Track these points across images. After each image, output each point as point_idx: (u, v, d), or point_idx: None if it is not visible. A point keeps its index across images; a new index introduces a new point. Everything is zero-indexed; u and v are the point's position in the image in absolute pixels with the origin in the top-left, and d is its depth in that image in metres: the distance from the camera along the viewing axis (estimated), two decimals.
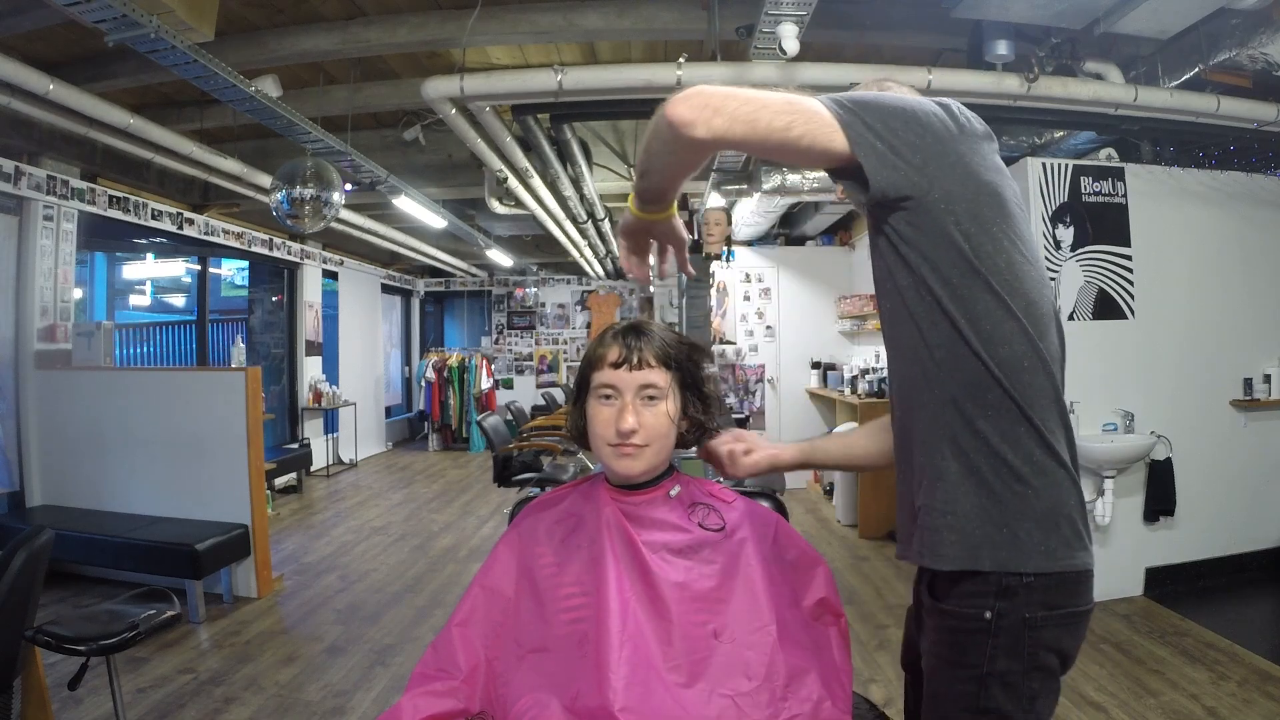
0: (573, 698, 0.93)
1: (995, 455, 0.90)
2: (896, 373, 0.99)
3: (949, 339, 0.91)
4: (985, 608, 0.88)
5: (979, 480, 0.90)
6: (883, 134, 0.89)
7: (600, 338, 1.08)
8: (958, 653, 0.90)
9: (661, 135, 0.88)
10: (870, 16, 3.07)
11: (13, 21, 2.84)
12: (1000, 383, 0.92)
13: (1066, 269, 3.49)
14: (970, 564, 0.88)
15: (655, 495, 1.07)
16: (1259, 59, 2.70)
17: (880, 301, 0.99)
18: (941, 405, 0.92)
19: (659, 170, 0.93)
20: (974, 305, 0.91)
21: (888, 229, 0.94)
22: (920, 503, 0.93)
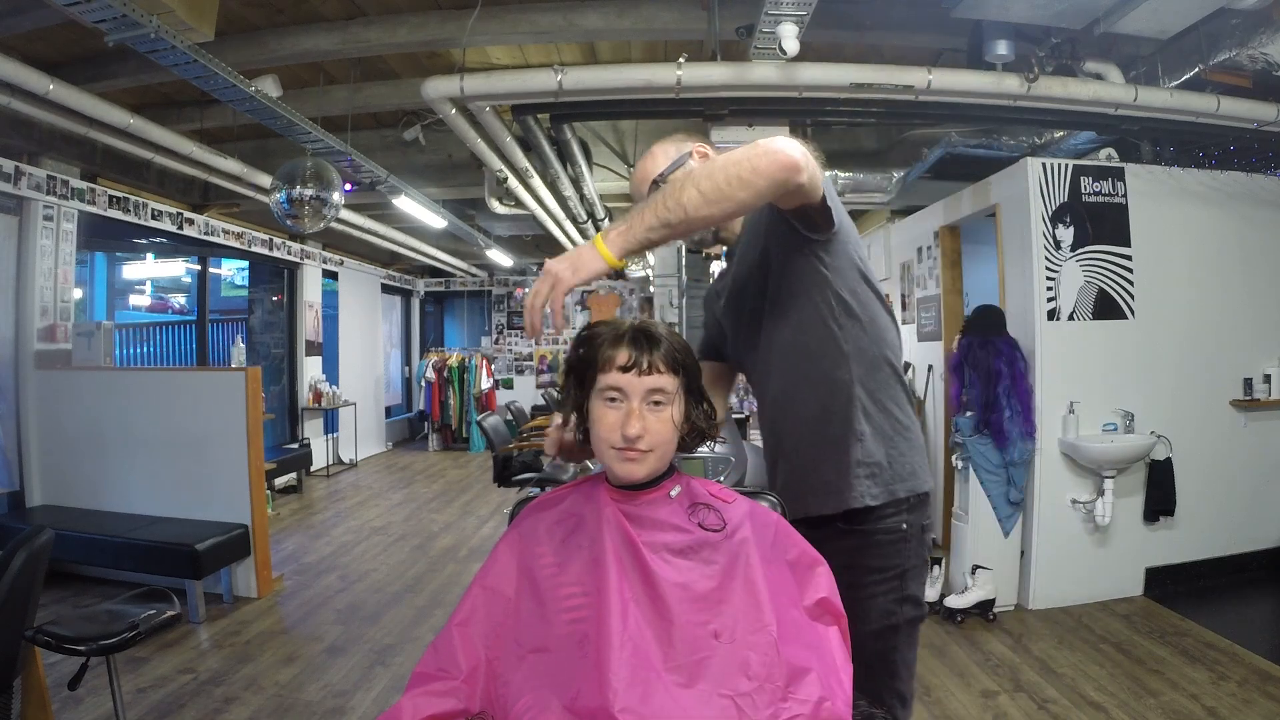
0: (572, 698, 0.93)
1: (889, 415, 1.25)
2: (800, 368, 1.26)
3: (855, 335, 1.23)
4: (902, 522, 1.23)
5: (884, 436, 1.24)
6: (826, 182, 1.17)
7: (607, 339, 1.06)
8: (883, 559, 1.22)
9: (764, 181, 1.04)
10: (870, 16, 3.07)
11: (13, 21, 2.84)
12: (888, 361, 1.26)
13: (1066, 269, 3.49)
14: (891, 496, 1.22)
15: (656, 495, 1.07)
16: (1259, 59, 2.71)
17: (786, 314, 1.25)
18: (852, 386, 1.23)
19: (714, 218, 1.05)
20: (869, 307, 1.25)
21: (813, 256, 1.22)
22: (852, 458, 1.22)
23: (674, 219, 1.02)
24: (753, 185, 1.03)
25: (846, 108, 3.42)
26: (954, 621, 3.25)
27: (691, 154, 1.38)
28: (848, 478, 1.22)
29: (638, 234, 1.03)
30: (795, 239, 1.22)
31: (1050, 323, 3.48)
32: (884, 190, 4.34)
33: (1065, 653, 2.92)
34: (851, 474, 1.21)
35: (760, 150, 1.05)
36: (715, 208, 1.03)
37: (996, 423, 3.33)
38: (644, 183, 1.40)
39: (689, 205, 1.02)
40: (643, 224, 1.03)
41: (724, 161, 1.05)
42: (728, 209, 1.04)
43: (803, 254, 1.23)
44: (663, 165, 1.38)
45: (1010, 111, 3.31)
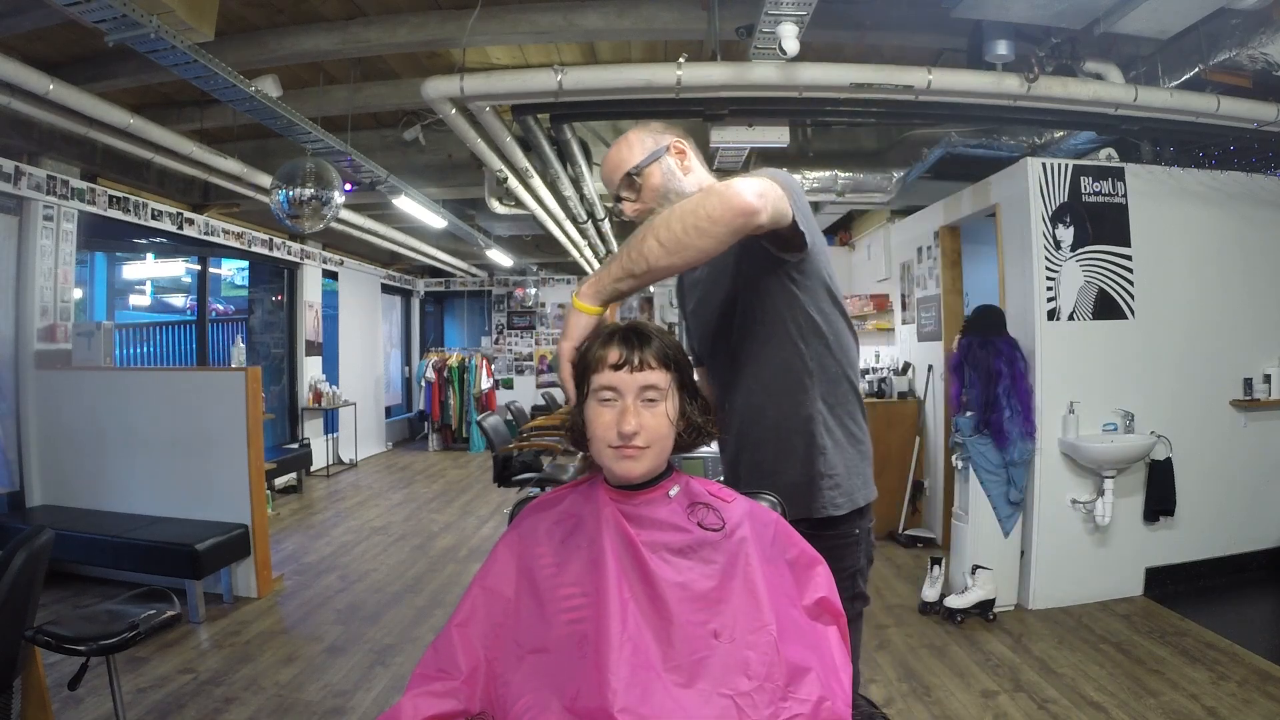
0: (572, 698, 0.93)
1: (847, 430, 1.31)
2: (762, 380, 1.31)
3: (820, 352, 1.28)
4: (855, 527, 1.31)
5: (842, 448, 1.30)
6: (800, 205, 1.20)
7: (599, 339, 1.07)
8: (840, 561, 1.25)
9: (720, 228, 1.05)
10: (870, 16, 3.07)
11: (13, 21, 2.84)
12: (847, 378, 1.32)
13: (1066, 269, 3.49)
14: (853, 505, 1.30)
15: (655, 495, 1.07)
16: (1259, 59, 2.70)
17: (754, 329, 1.29)
18: (816, 401, 1.28)
19: (677, 266, 1.09)
20: (835, 325, 1.30)
21: (785, 275, 1.26)
22: (816, 470, 1.28)
23: (638, 270, 1.06)
24: (710, 233, 1.05)
25: (846, 108, 3.41)
26: (954, 621, 3.25)
27: (669, 149, 1.36)
28: (813, 488, 1.28)
29: (606, 285, 1.08)
30: (768, 258, 1.24)
31: (1050, 323, 3.48)
32: (884, 190, 4.34)
33: (1065, 653, 2.92)
34: (816, 485, 1.28)
35: (715, 197, 1.06)
36: (677, 257, 1.06)
37: (996, 423, 3.33)
38: (616, 171, 1.37)
39: (650, 257, 1.06)
40: (610, 276, 1.08)
41: (681, 211, 1.06)
42: (689, 257, 1.07)
43: (774, 274, 1.26)
44: (638, 157, 1.35)
45: (1010, 111, 3.31)
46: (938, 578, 3.38)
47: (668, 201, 1.32)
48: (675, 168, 1.36)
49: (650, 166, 1.34)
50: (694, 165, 1.38)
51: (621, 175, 1.35)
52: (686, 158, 1.38)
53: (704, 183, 1.36)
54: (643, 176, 1.35)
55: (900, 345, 5.25)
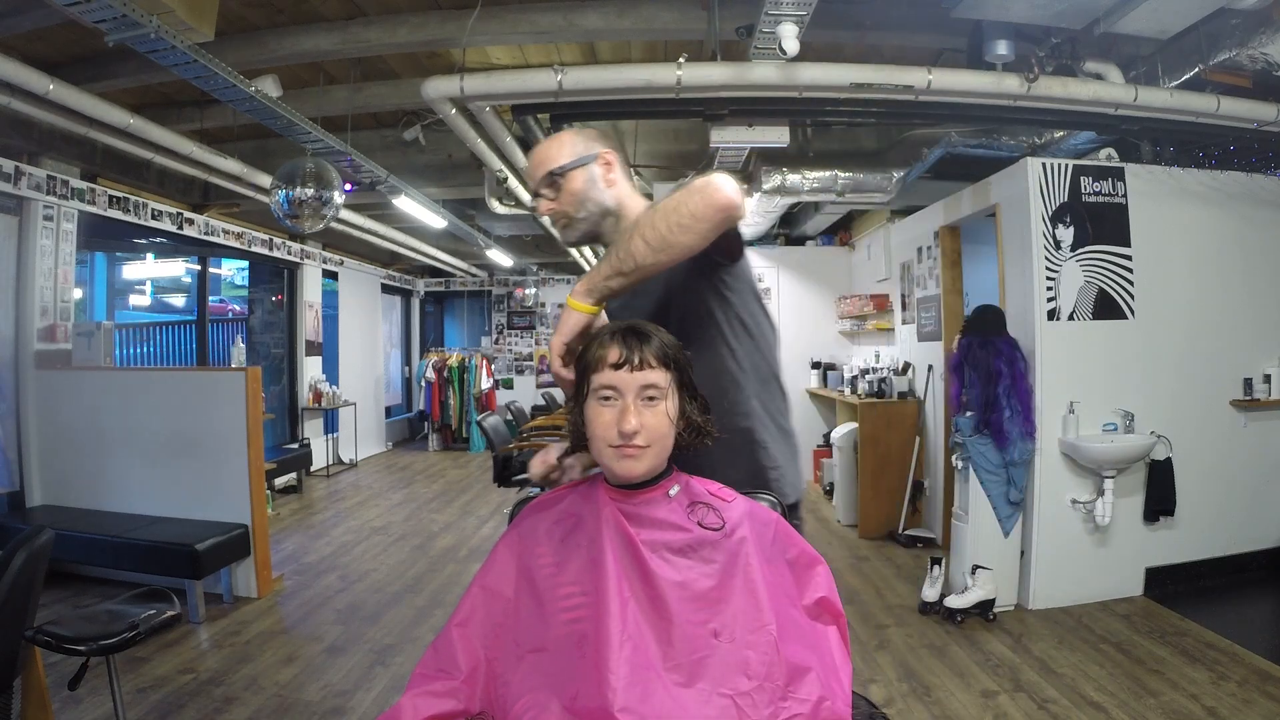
0: (572, 698, 0.93)
1: (779, 425, 1.36)
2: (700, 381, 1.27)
3: (751, 352, 1.33)
4: (797, 518, 1.35)
5: (780, 442, 1.35)
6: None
7: (598, 338, 1.07)
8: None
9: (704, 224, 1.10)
10: (870, 16, 3.07)
11: (13, 21, 2.84)
12: (776, 376, 1.37)
13: (1066, 269, 3.49)
14: (798, 495, 1.37)
15: (654, 495, 1.07)
16: (1259, 59, 2.70)
17: (689, 331, 1.28)
18: (751, 400, 1.32)
19: (664, 263, 1.12)
20: (762, 326, 1.35)
21: (717, 279, 1.29)
22: (761, 464, 1.32)
23: (627, 268, 1.11)
24: (695, 230, 1.10)
25: (846, 108, 3.41)
26: (954, 621, 3.25)
27: (598, 158, 1.35)
28: (763, 481, 1.31)
29: (598, 284, 1.12)
30: (703, 262, 1.25)
31: (1050, 323, 3.48)
32: (884, 190, 4.34)
33: (1065, 653, 2.92)
34: (765, 477, 1.31)
35: (698, 195, 1.10)
36: (664, 255, 1.11)
37: (996, 423, 3.33)
38: (540, 167, 1.35)
39: (638, 255, 1.10)
40: (600, 275, 1.13)
41: (665, 209, 1.11)
42: (675, 254, 1.12)
43: (708, 277, 1.29)
44: (565, 159, 1.34)
45: (1010, 111, 3.31)
46: (938, 578, 3.38)
47: (584, 209, 1.34)
48: (599, 177, 1.35)
49: (575, 170, 1.34)
50: (619, 179, 1.38)
51: (544, 172, 1.34)
52: (613, 170, 1.37)
53: (624, 198, 1.37)
54: (565, 178, 1.34)
55: (900, 345, 5.25)
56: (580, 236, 1.39)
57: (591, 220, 1.36)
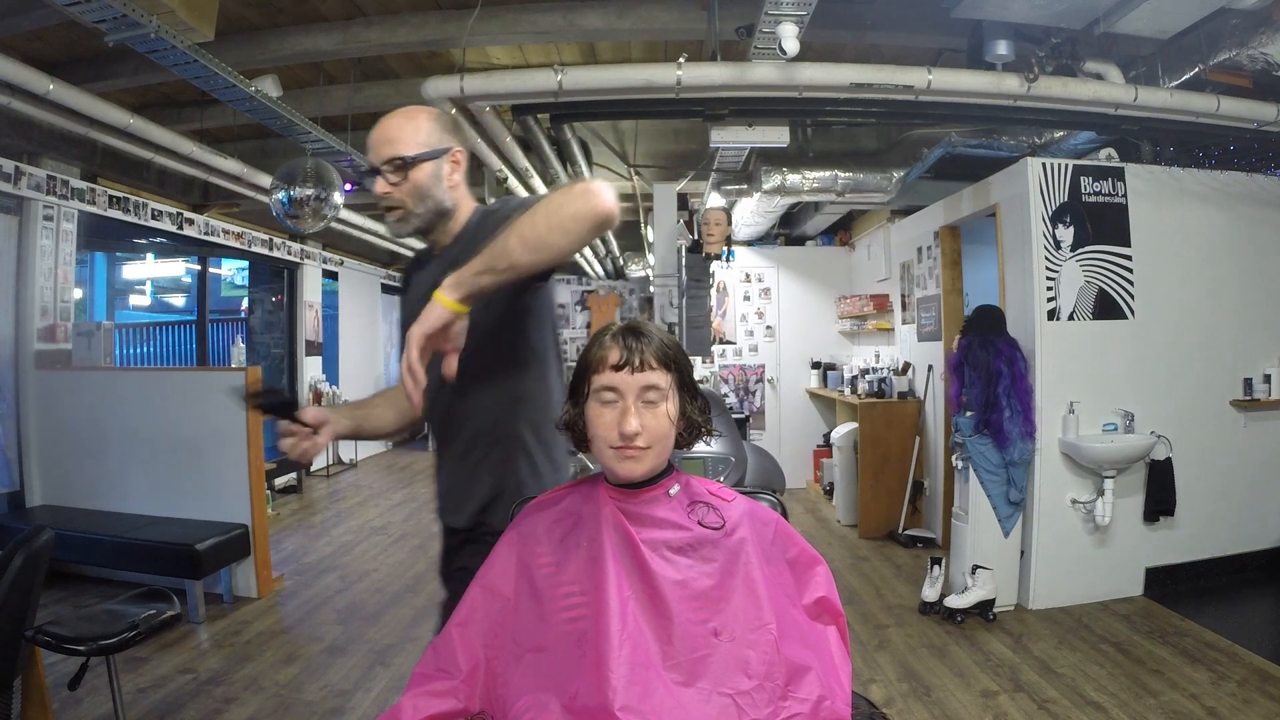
0: (572, 697, 0.93)
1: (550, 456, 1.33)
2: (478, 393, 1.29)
3: (537, 374, 1.32)
4: None
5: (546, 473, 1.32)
6: None
7: (598, 339, 1.07)
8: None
9: (583, 227, 1.09)
10: (870, 16, 3.07)
11: (13, 21, 2.84)
12: (554, 404, 1.32)
13: (1066, 269, 3.49)
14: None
15: (655, 494, 1.07)
16: (1259, 59, 2.71)
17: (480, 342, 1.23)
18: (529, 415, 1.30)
19: (539, 264, 1.11)
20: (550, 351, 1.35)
21: (526, 296, 1.27)
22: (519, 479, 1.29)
23: (500, 265, 1.08)
24: (573, 232, 1.09)
25: (846, 108, 3.42)
26: (954, 621, 3.25)
27: (449, 155, 1.31)
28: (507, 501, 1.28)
29: (466, 279, 1.08)
30: (527, 284, 1.22)
31: (1050, 323, 3.48)
32: (884, 190, 4.34)
33: (1065, 653, 2.92)
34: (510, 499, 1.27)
35: (579, 198, 1.09)
36: (539, 255, 1.09)
37: (996, 423, 3.33)
38: (388, 145, 1.26)
39: (512, 254, 1.08)
40: (470, 270, 1.08)
41: (545, 209, 1.09)
42: (549, 256, 1.11)
43: (518, 294, 1.25)
44: (419, 147, 1.27)
45: (1010, 111, 3.31)
46: (938, 578, 3.38)
47: (423, 204, 1.29)
48: (444, 175, 1.31)
49: (425, 162, 1.28)
50: (460, 182, 1.34)
51: (393, 155, 1.26)
52: (458, 170, 1.33)
53: (461, 200, 1.34)
54: (413, 168, 1.27)
55: (900, 345, 5.25)
56: (410, 231, 1.32)
57: (426, 218, 1.31)
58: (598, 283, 10.20)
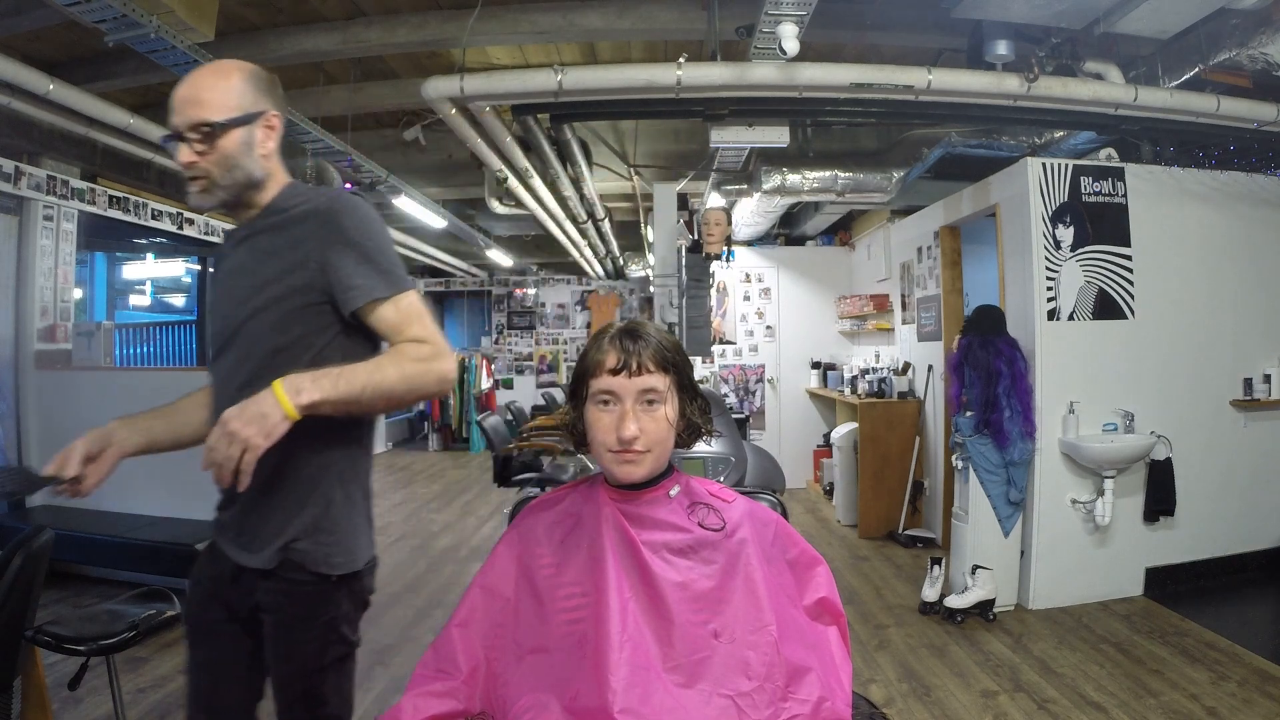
0: (572, 698, 0.93)
1: (365, 487, 1.27)
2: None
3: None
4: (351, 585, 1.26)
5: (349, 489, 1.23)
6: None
7: (596, 342, 1.06)
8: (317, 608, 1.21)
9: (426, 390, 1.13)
10: (870, 16, 3.07)
11: (13, 21, 2.84)
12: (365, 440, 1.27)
13: (1066, 269, 3.49)
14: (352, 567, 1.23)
15: (655, 495, 1.07)
16: (1259, 59, 2.70)
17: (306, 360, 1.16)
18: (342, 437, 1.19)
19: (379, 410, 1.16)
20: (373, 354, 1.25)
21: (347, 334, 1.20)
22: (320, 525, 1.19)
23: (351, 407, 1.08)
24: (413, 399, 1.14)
25: (846, 108, 3.42)
26: (954, 621, 3.25)
27: (264, 118, 1.19)
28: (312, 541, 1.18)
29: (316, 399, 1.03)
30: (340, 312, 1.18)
31: (1050, 323, 3.48)
32: (884, 190, 4.34)
33: (1065, 653, 2.92)
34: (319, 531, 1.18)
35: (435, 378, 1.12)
36: (383, 403, 1.12)
37: (996, 422, 3.33)
38: (194, 106, 1.12)
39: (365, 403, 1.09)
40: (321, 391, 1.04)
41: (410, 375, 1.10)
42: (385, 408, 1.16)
43: (342, 323, 1.19)
44: (229, 111, 1.14)
45: (1010, 111, 3.31)
46: (938, 578, 3.38)
47: (231, 175, 1.15)
48: (258, 142, 1.18)
49: (237, 129, 1.14)
50: (273, 149, 1.22)
51: (200, 119, 1.12)
52: (273, 137, 1.21)
53: (274, 171, 1.21)
54: (222, 134, 1.13)
55: (900, 345, 5.25)
56: (214, 205, 1.19)
57: (234, 190, 1.18)
58: (598, 283, 10.21)
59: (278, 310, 1.16)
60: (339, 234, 1.16)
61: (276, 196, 1.22)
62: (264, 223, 1.21)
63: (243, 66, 1.19)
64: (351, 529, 1.23)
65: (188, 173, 1.15)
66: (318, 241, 1.16)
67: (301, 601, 1.18)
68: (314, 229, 1.16)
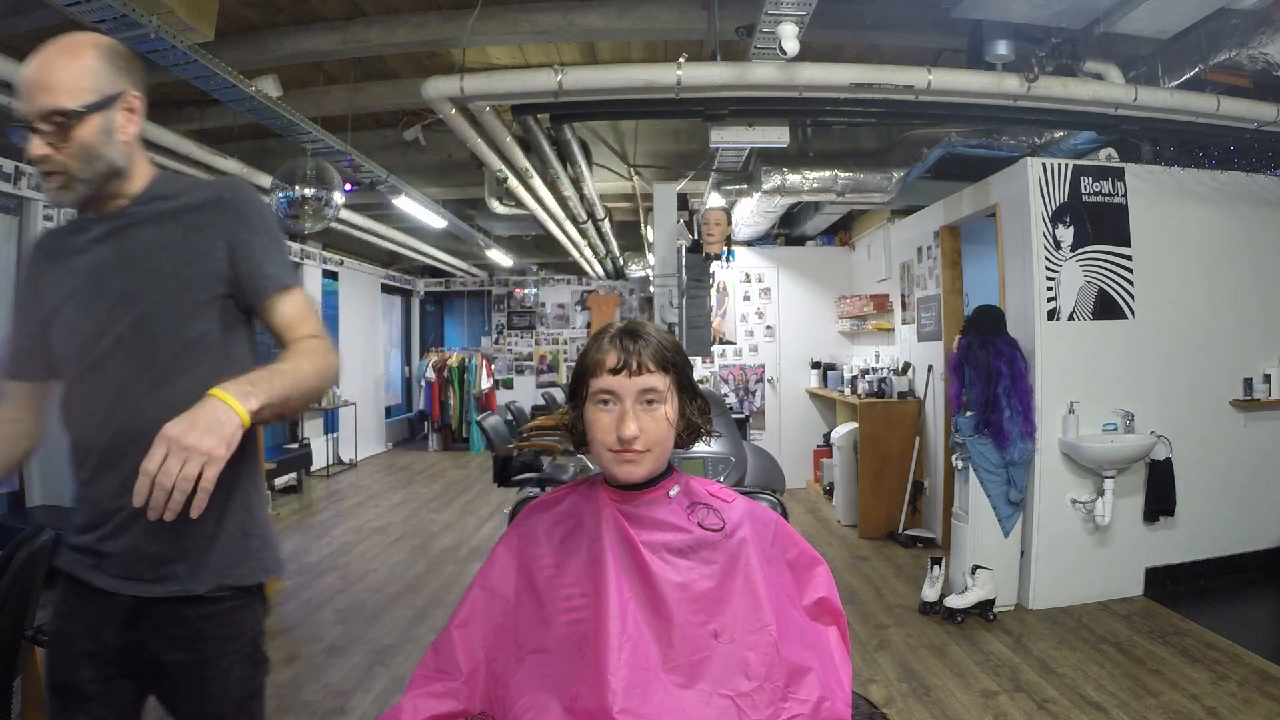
0: (572, 699, 0.93)
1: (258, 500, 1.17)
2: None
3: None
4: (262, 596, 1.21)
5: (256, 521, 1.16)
6: None
7: (596, 342, 1.07)
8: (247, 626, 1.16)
9: (328, 385, 1.12)
10: (870, 16, 3.07)
11: (12, 21, 2.84)
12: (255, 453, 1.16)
13: (1066, 269, 3.49)
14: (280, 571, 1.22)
15: (655, 495, 1.07)
16: (1259, 59, 2.70)
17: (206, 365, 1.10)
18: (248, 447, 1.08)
19: (299, 410, 1.09)
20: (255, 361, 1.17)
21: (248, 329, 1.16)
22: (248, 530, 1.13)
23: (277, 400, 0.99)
24: (319, 396, 1.11)
25: (846, 108, 3.42)
26: (954, 621, 3.25)
27: (122, 100, 1.07)
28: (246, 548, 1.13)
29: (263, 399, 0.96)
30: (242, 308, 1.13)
31: (1050, 323, 3.48)
32: (884, 190, 4.34)
33: (1065, 653, 2.92)
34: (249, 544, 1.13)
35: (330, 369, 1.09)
36: (303, 404, 1.06)
37: (996, 422, 3.33)
38: (39, 92, 0.99)
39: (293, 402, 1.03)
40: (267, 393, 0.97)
41: (318, 371, 1.06)
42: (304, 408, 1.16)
43: (241, 316, 1.13)
44: (84, 97, 1.01)
45: (1010, 111, 3.31)
46: (938, 578, 3.38)
47: (89, 167, 1.03)
48: (118, 127, 1.06)
49: (94, 115, 1.02)
50: (134, 133, 1.11)
51: (52, 107, 0.99)
52: (134, 120, 1.09)
53: (136, 155, 1.10)
54: (78, 123, 1.01)
55: (900, 345, 5.25)
56: (74, 201, 1.07)
57: (96, 183, 1.05)
58: (598, 283, 10.22)
59: (182, 304, 1.07)
60: (246, 222, 1.10)
61: (150, 184, 1.12)
62: (141, 212, 1.09)
63: (97, 42, 1.06)
64: (269, 528, 1.17)
65: (42, 167, 1.02)
66: (223, 229, 1.09)
67: (230, 621, 1.10)
68: (217, 216, 1.09)
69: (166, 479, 0.84)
